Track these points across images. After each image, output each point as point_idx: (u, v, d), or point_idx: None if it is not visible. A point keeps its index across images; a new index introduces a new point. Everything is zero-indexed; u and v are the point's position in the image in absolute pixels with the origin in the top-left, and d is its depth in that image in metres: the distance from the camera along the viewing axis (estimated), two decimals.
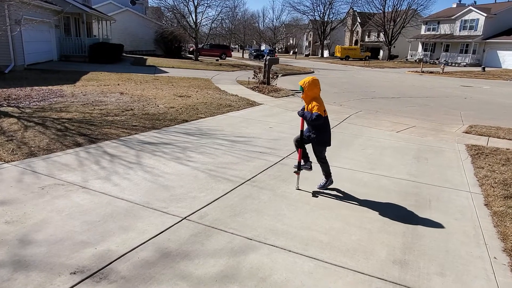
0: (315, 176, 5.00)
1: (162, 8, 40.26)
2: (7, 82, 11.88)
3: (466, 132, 8.38)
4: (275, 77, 15.83)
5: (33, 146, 5.47)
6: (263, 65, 16.19)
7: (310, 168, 4.61)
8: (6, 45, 14.35)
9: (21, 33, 14.38)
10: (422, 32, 53.54)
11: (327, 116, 4.27)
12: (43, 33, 19.11)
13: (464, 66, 43.07)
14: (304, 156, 4.56)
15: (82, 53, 22.45)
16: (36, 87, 11.20)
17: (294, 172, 4.56)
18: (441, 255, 3.22)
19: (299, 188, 4.53)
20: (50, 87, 11.52)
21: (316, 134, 4.29)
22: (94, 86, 12.38)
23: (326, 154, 4.47)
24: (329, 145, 4.41)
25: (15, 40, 14.66)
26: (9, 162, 4.77)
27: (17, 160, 4.86)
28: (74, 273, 2.64)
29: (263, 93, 13.25)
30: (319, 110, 4.06)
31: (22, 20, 13.72)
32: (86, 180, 4.35)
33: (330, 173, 4.54)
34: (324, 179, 4.55)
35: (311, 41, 79.19)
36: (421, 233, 3.58)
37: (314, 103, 4.13)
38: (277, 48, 72.24)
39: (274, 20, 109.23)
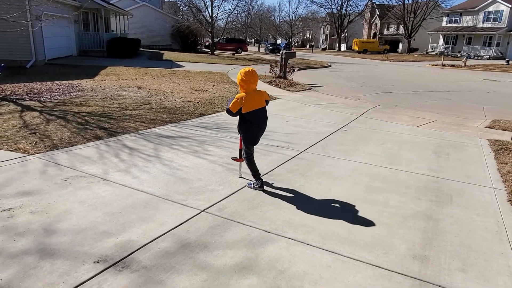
0: (333, 169, 4.97)
1: (178, 2, 40.50)
2: (28, 77, 12.18)
3: (489, 127, 8.16)
4: (291, 71, 15.72)
5: (55, 139, 5.61)
6: (279, 59, 16.10)
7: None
8: (27, 40, 14.69)
9: (42, 28, 14.68)
10: (444, 24, 52.15)
11: (258, 110, 3.97)
12: (63, 28, 19.47)
13: (487, 59, 41.79)
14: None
15: (101, 48, 22.79)
16: (56, 82, 11.45)
17: (233, 158, 4.64)
18: (462, 251, 3.17)
19: (242, 176, 4.53)
20: (70, 81, 11.76)
21: (241, 129, 4.10)
22: (112, 81, 12.57)
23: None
24: (254, 143, 4.17)
25: (35, 36, 14.98)
26: (33, 154, 4.90)
27: (41, 152, 4.99)
28: (98, 262, 2.71)
29: (279, 87, 13.20)
30: (232, 105, 3.87)
31: (43, 16, 14.01)
32: (106, 172, 4.44)
33: (259, 174, 4.20)
34: (253, 179, 4.21)
35: (328, 35, 78.21)
36: (442, 229, 3.52)
37: (237, 95, 3.92)
38: (293, 42, 71.61)
39: (291, 14, 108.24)
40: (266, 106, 4.14)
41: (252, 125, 4.03)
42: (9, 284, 2.44)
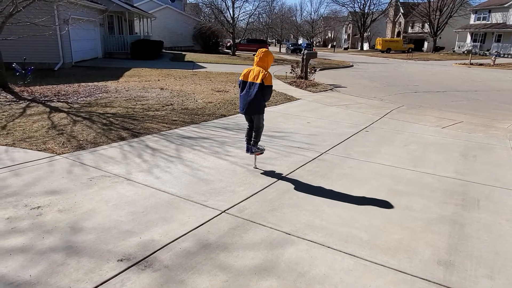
0: (355, 171, 4.91)
1: (200, 4, 40.98)
2: (56, 79, 12.60)
3: None
4: (313, 71, 15.60)
5: (81, 139, 5.78)
6: (300, 60, 16.02)
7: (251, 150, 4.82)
8: (55, 44, 15.19)
9: (69, 32, 15.16)
10: (471, 22, 50.45)
11: (246, 82, 4.51)
12: (89, 31, 20.03)
13: None
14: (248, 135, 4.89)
15: (125, 50, 23.33)
16: (83, 83, 11.80)
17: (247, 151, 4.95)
18: (490, 257, 3.06)
19: (256, 167, 4.87)
20: (95, 83, 12.09)
21: None
22: (136, 82, 12.83)
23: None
24: (241, 111, 4.67)
25: (63, 39, 15.49)
26: (60, 154, 5.07)
27: (67, 152, 5.16)
28: (121, 260, 2.77)
29: (300, 88, 13.13)
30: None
31: (70, 20, 14.47)
32: (130, 172, 4.54)
33: (249, 140, 4.83)
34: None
35: (350, 34, 77.22)
36: (468, 234, 3.41)
37: None
38: (314, 42, 71.06)
39: (312, 13, 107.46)
40: (260, 86, 4.39)
41: (240, 92, 4.63)
42: (38, 280, 2.53)
